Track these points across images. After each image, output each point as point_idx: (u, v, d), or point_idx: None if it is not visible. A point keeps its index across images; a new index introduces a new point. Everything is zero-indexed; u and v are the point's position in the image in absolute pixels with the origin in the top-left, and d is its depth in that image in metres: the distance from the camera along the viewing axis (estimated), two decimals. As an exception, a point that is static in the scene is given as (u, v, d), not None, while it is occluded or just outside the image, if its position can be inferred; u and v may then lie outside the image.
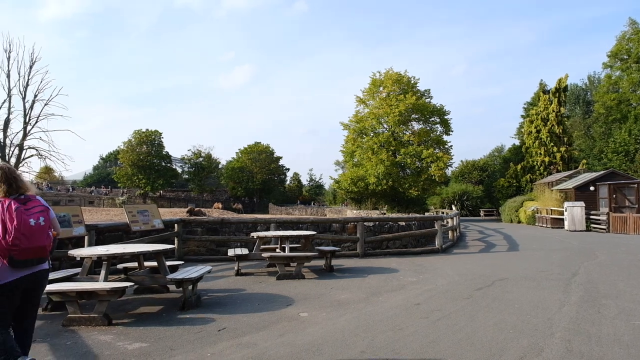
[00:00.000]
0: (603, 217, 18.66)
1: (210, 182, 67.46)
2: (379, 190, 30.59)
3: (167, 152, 61.56)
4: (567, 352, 3.83)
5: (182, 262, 7.42)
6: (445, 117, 32.85)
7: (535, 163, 33.48)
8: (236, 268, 8.05)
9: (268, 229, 10.43)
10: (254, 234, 8.56)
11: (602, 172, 22.45)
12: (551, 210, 22.09)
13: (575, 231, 18.85)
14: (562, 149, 31.84)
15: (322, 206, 60.33)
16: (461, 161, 51.07)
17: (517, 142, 41.35)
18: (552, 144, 32.20)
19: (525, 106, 45.43)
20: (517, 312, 5.18)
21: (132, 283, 5.39)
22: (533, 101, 40.29)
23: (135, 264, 6.36)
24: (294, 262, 7.88)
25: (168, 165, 61.67)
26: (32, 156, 29.41)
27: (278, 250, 8.65)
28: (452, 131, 33.01)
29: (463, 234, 17.46)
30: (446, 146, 32.39)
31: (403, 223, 12.33)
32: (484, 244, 13.73)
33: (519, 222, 26.23)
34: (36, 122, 29.16)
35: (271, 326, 4.69)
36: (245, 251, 8.28)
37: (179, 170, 66.32)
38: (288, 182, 77.58)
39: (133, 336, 4.34)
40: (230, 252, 8.24)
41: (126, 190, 62.84)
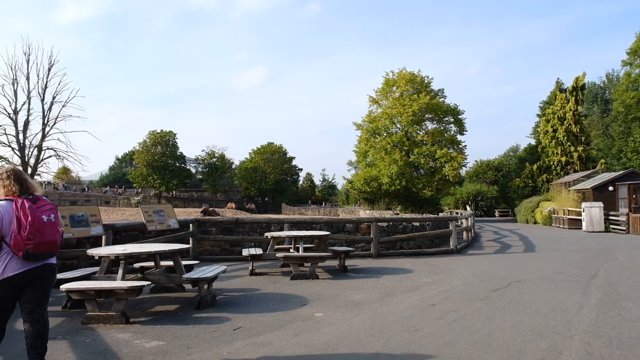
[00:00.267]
0: (622, 218, 18.27)
1: (223, 183, 67.98)
2: (392, 190, 30.46)
3: (181, 153, 62.25)
4: (587, 355, 3.76)
5: (197, 262, 7.49)
6: (459, 117, 32.56)
7: (551, 163, 32.95)
8: (250, 268, 8.09)
9: (282, 229, 10.46)
10: (268, 234, 8.59)
11: (622, 172, 21.99)
12: (568, 210, 21.72)
13: (593, 232, 18.50)
14: (580, 149, 31.28)
15: (335, 206, 60.29)
16: (475, 161, 50.63)
17: (533, 142, 40.75)
18: (569, 144, 31.66)
19: (541, 105, 44.73)
20: (535, 314, 5.10)
21: (149, 282, 5.45)
22: (549, 100, 39.65)
23: (151, 263, 6.43)
24: (308, 262, 7.89)
25: (182, 165, 62.32)
26: (51, 157, 29.99)
27: (292, 250, 8.66)
28: (467, 131, 32.75)
29: (478, 235, 17.28)
30: (460, 146, 32.11)
31: (417, 223, 12.25)
32: (500, 245, 13.56)
33: (535, 223, 25.84)
34: (54, 124, 29.72)
35: (286, 326, 4.70)
36: (259, 251, 8.32)
37: (193, 170, 66.96)
38: (301, 183, 77.73)
39: (150, 334, 4.39)
40: (244, 252, 8.29)
41: (140, 190, 63.69)
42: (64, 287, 4.83)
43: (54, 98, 29.82)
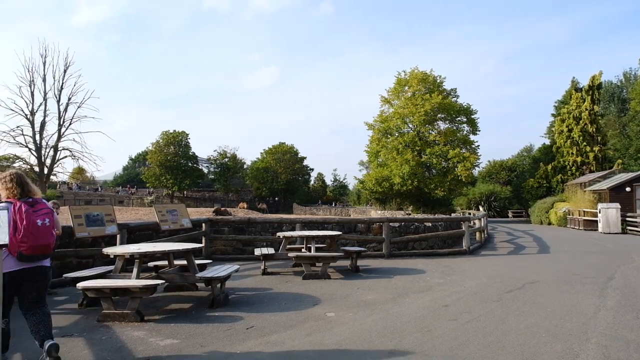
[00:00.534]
0: (640, 219, 17.91)
1: (235, 182, 68.37)
2: (404, 190, 30.28)
3: (194, 153, 62.78)
4: (604, 358, 3.70)
5: (210, 261, 7.53)
6: (472, 117, 32.24)
7: (566, 163, 32.45)
8: (262, 267, 8.13)
9: (293, 229, 10.49)
10: (280, 234, 8.62)
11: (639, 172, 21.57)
12: (584, 211, 21.36)
13: (609, 233, 18.17)
14: (596, 149, 30.75)
15: (346, 206, 60.20)
16: (488, 161, 49.99)
17: (548, 142, 40.20)
18: (585, 144, 31.13)
19: (556, 104, 44.05)
20: (550, 316, 5.04)
21: (163, 281, 5.51)
22: (564, 99, 39.06)
23: (165, 262, 6.50)
24: (320, 262, 7.90)
25: (194, 165, 62.87)
26: (66, 157, 30.59)
27: (304, 250, 8.68)
28: (479, 130, 32.38)
29: (491, 236, 17.10)
30: (473, 146, 31.79)
31: (429, 224, 12.17)
32: (513, 246, 13.40)
33: (550, 224, 25.47)
34: (70, 124, 30.33)
35: (298, 325, 4.71)
36: (271, 251, 8.35)
37: (205, 170, 67.50)
38: (312, 182, 77.81)
39: (164, 332, 4.44)
40: (256, 252, 8.33)
41: (152, 190, 64.39)
42: (81, 285, 4.91)
43: (70, 99, 30.45)
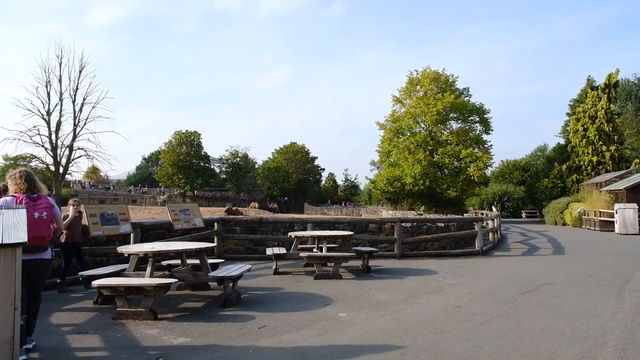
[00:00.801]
0: (658, 220, 17.53)
1: (246, 182, 68.68)
2: (416, 190, 30.11)
3: (206, 153, 63.27)
4: (622, 362, 3.63)
5: (222, 260, 7.59)
6: (484, 116, 31.93)
7: (582, 163, 31.95)
8: (274, 267, 8.15)
9: (305, 229, 10.49)
10: (292, 234, 8.63)
11: (657, 172, 21.14)
12: (600, 212, 20.99)
13: (626, 234, 17.82)
14: (612, 148, 30.21)
15: (357, 206, 60.11)
16: (501, 161, 49.39)
17: (562, 141, 39.60)
18: (601, 143, 30.61)
19: (571, 103, 43.35)
20: (566, 318, 4.96)
21: (176, 279, 5.56)
22: (580, 98, 38.43)
23: (178, 261, 6.56)
24: (332, 262, 7.89)
25: (206, 165, 63.34)
26: (81, 157, 30.96)
27: (315, 250, 8.67)
28: (492, 130, 32.06)
29: (504, 236, 16.90)
30: (486, 146, 31.48)
31: (442, 224, 12.07)
32: (527, 247, 13.23)
33: (564, 225, 25.09)
34: (85, 124, 30.64)
35: (310, 325, 4.71)
36: (283, 250, 8.37)
37: (217, 170, 67.95)
38: (323, 182, 77.74)
39: (177, 331, 4.48)
40: (268, 251, 8.35)
41: (164, 189, 65.05)
42: (96, 283, 4.98)
43: (85, 99, 30.76)
